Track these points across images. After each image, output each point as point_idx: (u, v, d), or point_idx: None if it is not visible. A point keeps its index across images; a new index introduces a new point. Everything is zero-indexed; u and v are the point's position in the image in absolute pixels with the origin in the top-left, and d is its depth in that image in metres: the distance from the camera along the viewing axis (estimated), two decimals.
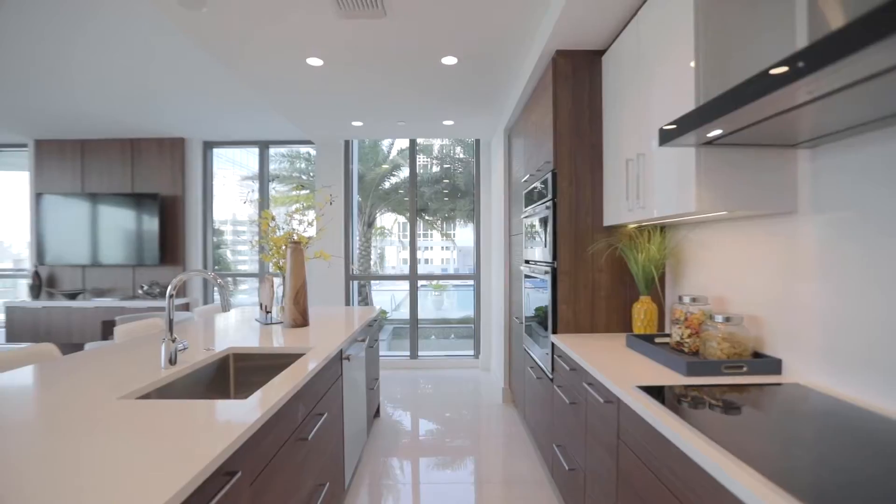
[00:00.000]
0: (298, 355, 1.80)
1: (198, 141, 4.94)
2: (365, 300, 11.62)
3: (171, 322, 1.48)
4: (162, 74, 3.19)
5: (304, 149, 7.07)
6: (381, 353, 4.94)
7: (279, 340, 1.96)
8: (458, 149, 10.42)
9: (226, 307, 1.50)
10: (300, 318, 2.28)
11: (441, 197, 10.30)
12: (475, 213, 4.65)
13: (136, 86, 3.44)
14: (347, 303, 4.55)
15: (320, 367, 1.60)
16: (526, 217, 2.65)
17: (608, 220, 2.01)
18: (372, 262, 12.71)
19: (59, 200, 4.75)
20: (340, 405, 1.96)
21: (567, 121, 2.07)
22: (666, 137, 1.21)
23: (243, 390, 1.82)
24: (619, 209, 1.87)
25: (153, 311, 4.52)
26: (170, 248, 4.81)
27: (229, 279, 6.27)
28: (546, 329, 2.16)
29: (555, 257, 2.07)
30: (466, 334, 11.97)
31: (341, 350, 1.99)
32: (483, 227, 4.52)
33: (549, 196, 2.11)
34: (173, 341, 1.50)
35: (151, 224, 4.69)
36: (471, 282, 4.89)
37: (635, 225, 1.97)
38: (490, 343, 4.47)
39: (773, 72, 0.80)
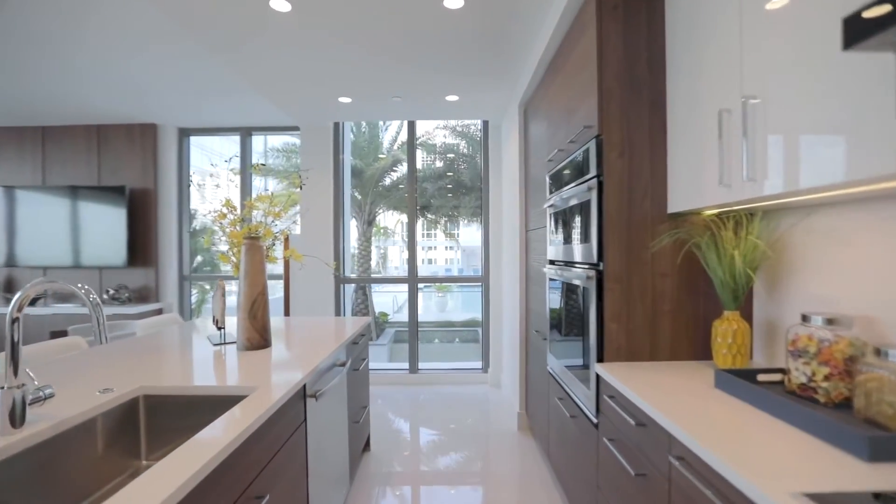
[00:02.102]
0: (238, 398, 1.25)
1: (172, 128, 4.41)
2: (365, 303, 11.12)
3: (14, 355, 0.94)
4: (131, 52, 2.70)
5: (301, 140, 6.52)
6: (378, 365, 4.38)
7: (221, 372, 1.40)
8: (462, 143, 9.84)
9: (101, 338, 0.95)
10: (258, 338, 1.73)
11: (444, 193, 9.72)
12: (483, 207, 4.09)
13: (101, 64, 2.94)
14: (337, 309, 4.00)
15: (261, 423, 1.04)
16: (551, 206, 2.08)
17: (677, 205, 1.45)
18: (374, 263, 12.19)
19: (16, 195, 4.23)
20: (303, 463, 1.41)
21: (617, 68, 1.50)
22: (865, 30, 0.64)
23: (160, 446, 1.26)
24: (699, 187, 1.31)
25: (120, 318, 3.99)
26: (140, 247, 4.28)
27: (206, 283, 5.75)
28: (585, 353, 1.59)
29: (600, 257, 1.51)
30: (471, 338, 11.42)
31: (305, 386, 1.44)
32: (492, 222, 3.95)
33: (591, 173, 1.55)
34: (20, 388, 0.95)
35: (118, 220, 4.17)
36: (477, 284, 4.32)
37: (716, 211, 1.41)
38: (500, 355, 3.90)
39: None
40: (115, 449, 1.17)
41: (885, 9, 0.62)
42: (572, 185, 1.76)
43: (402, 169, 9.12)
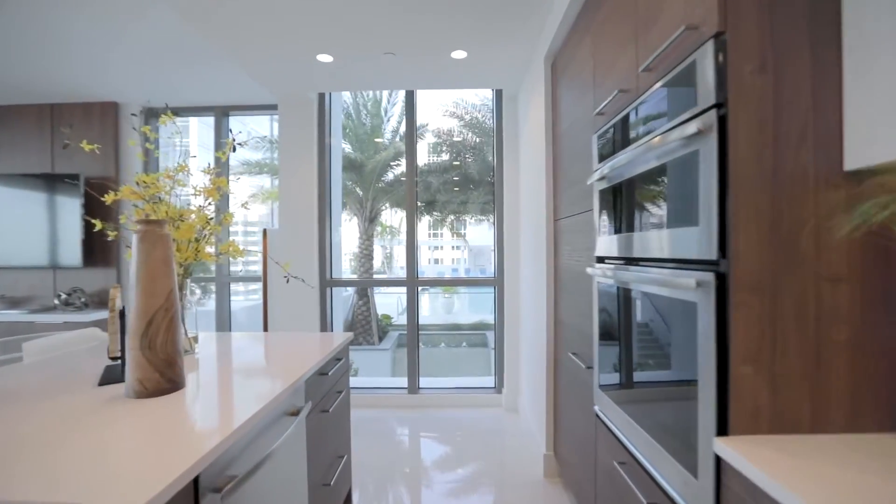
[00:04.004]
0: None
1: (136, 107, 3.83)
2: (367, 305, 10.50)
3: None
4: (91, 19, 2.22)
5: None
6: (371, 383, 3.75)
7: (48, 457, 0.77)
8: (470, 134, 9.16)
9: None
10: (156, 378, 1.10)
11: (450, 188, 9.06)
12: (496, 197, 3.44)
13: (55, 32, 2.46)
14: (323, 317, 3.37)
15: None
16: (602, 180, 1.43)
17: (865, 156, 0.79)
18: (379, 263, 11.58)
19: None
20: None
21: None
22: None
23: None
24: None
25: (74, 326, 3.41)
26: (99, 245, 3.68)
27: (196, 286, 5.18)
28: (686, 414, 0.94)
29: (722, 249, 0.86)
30: (480, 342, 10.74)
31: (197, 482, 0.80)
32: (507, 214, 3.30)
33: (701, 105, 0.90)
34: None
35: (72, 214, 3.59)
36: (489, 288, 3.67)
37: None
38: (517, 374, 3.25)
39: None
40: None
41: None
42: (648, 137, 1.11)
43: (406, 162, 8.49)
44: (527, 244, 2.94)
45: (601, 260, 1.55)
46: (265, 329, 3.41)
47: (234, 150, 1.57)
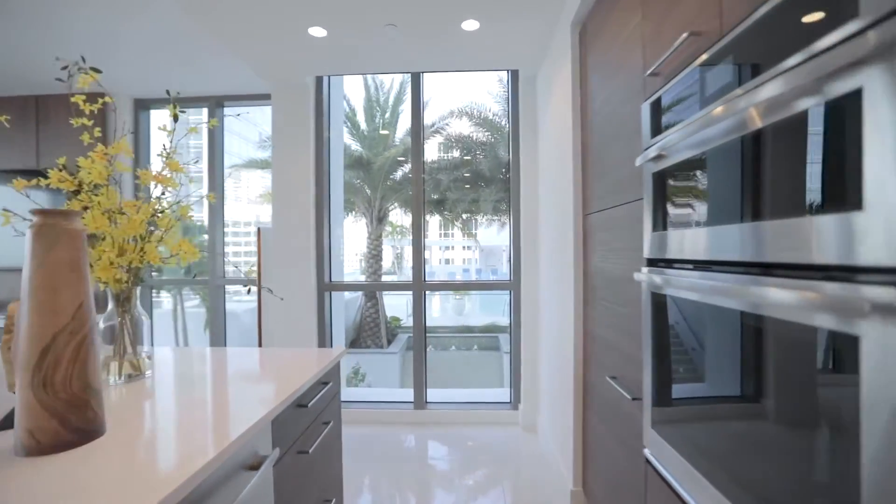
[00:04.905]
0: None
1: (126, 98, 3.59)
2: (375, 307, 10.21)
3: None
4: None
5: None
6: (374, 396, 3.44)
7: None
8: (482, 132, 8.81)
9: None
10: (54, 428, 0.80)
11: (461, 185, 8.72)
12: (512, 192, 3.10)
13: (42, 18, 2.28)
14: (321, 321, 3.07)
15: None
16: (657, 159, 1.09)
17: None
18: (389, 264, 11.29)
19: None
20: None
21: None
22: None
23: None
24: None
25: None
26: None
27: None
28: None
29: None
30: (492, 345, 10.37)
31: None
32: (525, 211, 2.96)
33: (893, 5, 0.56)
34: None
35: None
36: (504, 292, 3.34)
37: None
38: (536, 390, 2.91)
39: None
40: None
41: None
42: (752, 83, 0.77)
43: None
44: (547, 244, 2.60)
45: (652, 263, 1.21)
46: (259, 337, 3.13)
47: (177, 119, 1.27)
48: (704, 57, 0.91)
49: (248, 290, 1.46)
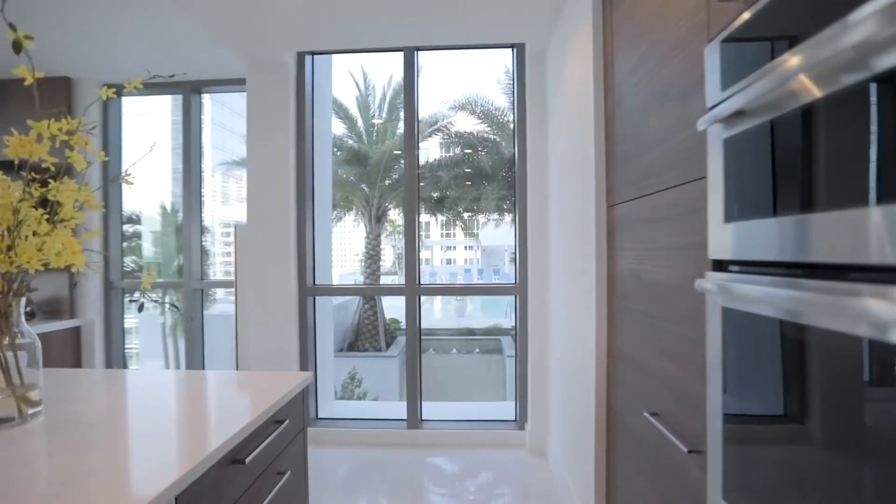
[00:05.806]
0: None
1: (91, 82, 3.27)
2: (373, 309, 9.87)
3: None
4: None
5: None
6: (363, 412, 3.11)
7: None
8: (482, 126, 8.47)
9: None
10: None
11: (462, 182, 8.37)
12: (517, 186, 2.76)
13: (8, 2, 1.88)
14: (303, 329, 2.73)
15: None
16: (744, 117, 0.75)
17: None
18: (390, 264, 10.95)
19: None
20: None
21: None
22: None
23: None
24: None
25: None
26: None
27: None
28: None
29: None
30: (494, 348, 10.00)
31: None
32: (532, 207, 2.62)
33: None
34: None
35: None
36: (509, 295, 2.99)
37: None
38: (545, 406, 2.56)
39: None
40: None
41: None
42: None
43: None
44: (558, 243, 2.26)
45: (722, 266, 0.87)
46: (236, 349, 2.81)
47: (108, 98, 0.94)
48: None
49: (140, 308, 1.08)
